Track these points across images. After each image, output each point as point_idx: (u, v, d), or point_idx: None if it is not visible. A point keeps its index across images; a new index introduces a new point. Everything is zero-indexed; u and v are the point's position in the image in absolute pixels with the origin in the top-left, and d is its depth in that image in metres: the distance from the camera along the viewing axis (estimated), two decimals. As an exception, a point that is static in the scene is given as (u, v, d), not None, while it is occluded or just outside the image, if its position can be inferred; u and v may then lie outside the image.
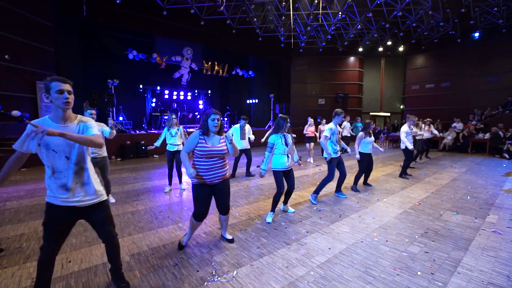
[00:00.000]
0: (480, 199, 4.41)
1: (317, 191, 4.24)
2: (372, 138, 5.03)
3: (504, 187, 5.19)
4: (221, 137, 2.57)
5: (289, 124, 3.46)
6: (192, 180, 2.53)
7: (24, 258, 2.49)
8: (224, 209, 2.64)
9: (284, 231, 3.10)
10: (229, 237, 2.86)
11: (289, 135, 3.54)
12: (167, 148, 4.81)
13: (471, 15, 11.39)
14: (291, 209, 3.81)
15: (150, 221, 3.41)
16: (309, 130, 8.40)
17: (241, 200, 4.34)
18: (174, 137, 4.77)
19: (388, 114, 17.73)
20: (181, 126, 4.92)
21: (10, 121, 7.71)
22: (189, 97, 15.43)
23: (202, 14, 11.11)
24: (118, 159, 8.93)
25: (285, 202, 3.79)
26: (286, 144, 3.44)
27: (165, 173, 5.81)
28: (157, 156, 9.53)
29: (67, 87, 1.74)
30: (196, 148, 2.48)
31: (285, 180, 3.53)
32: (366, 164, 4.93)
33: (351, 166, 7.25)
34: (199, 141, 2.46)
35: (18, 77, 7.89)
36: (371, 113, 17.57)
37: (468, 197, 4.52)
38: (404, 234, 3.00)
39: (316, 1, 9.76)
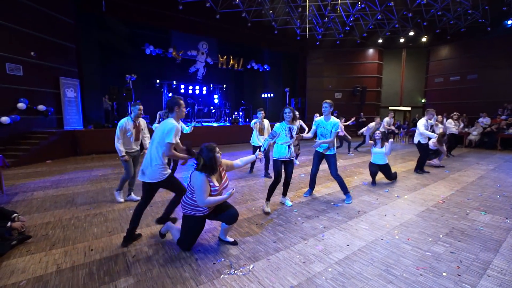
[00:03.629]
0: (511, 198, 4.14)
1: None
2: (382, 149, 4.79)
3: (537, 186, 4.84)
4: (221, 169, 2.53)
5: (292, 114, 3.44)
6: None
7: (50, 245, 2.61)
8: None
9: (300, 226, 3.05)
10: (231, 239, 2.66)
11: (295, 127, 3.50)
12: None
13: (504, 0, 10.57)
14: (288, 202, 3.76)
15: (167, 213, 3.47)
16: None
17: (257, 194, 4.32)
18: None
19: (409, 108, 17.02)
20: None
21: (36, 115, 8.09)
22: (204, 92, 15.53)
23: (217, 7, 11.04)
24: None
25: (284, 194, 3.82)
26: (291, 136, 3.43)
27: (180, 165, 5.89)
28: (174, 150, 9.67)
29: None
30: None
31: (284, 171, 3.59)
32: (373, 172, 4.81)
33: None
34: (210, 184, 2.32)
35: (42, 73, 8.23)
36: (390, 107, 16.94)
37: (498, 196, 4.25)
38: (427, 233, 2.86)
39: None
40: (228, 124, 12.79)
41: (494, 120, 11.14)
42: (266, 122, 5.52)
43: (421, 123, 5.67)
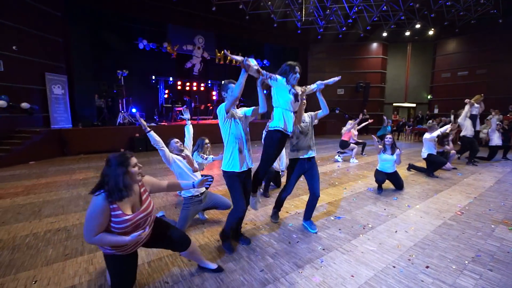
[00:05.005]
0: (538, 207, 3.61)
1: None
2: (392, 156, 4.26)
3: None
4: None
5: (297, 75, 2.31)
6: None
7: (-13, 274, 2.13)
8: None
9: (295, 247, 2.56)
10: (213, 266, 2.16)
11: (300, 90, 2.45)
12: None
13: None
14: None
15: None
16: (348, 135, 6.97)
17: (247, 202, 3.83)
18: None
19: (413, 105, 16.40)
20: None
21: (20, 114, 7.63)
22: (202, 88, 15.02)
23: (213, -1, 10.48)
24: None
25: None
26: (295, 98, 2.32)
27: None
28: (167, 149, 9.20)
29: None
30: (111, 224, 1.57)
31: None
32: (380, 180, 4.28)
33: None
34: (111, 214, 1.54)
35: (26, 69, 7.75)
36: (394, 104, 16.34)
37: (523, 205, 3.73)
38: (449, 258, 2.35)
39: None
40: (225, 122, 12.27)
41: (505, 117, 10.55)
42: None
43: (428, 135, 5.27)
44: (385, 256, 2.38)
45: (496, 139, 6.77)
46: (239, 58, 2.02)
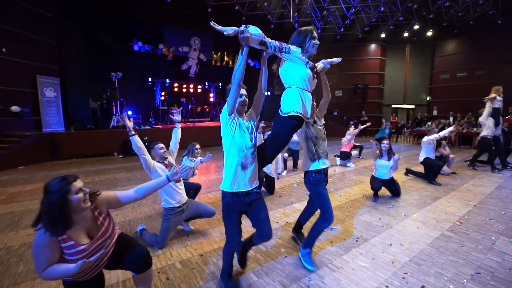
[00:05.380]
0: (541, 216, 3.45)
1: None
2: (389, 162, 4.09)
3: None
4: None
5: (316, 41, 1.92)
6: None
7: None
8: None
9: (282, 263, 2.39)
10: None
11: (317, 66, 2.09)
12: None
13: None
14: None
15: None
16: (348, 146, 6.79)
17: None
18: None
19: (412, 106, 16.27)
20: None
21: (9, 117, 7.48)
22: (199, 90, 14.88)
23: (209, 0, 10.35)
24: (120, 156, 8.56)
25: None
26: (314, 74, 1.87)
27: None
28: (161, 153, 9.05)
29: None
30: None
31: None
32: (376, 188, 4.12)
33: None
34: (61, 246, 1.37)
35: (17, 71, 7.60)
36: (393, 106, 16.20)
37: (524, 213, 3.57)
38: (446, 276, 2.19)
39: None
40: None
41: (505, 119, 10.40)
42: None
43: (426, 138, 5.21)
44: (377, 274, 2.22)
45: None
46: (230, 30, 1.55)
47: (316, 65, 2.09)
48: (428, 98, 15.45)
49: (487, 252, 2.57)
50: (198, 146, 3.99)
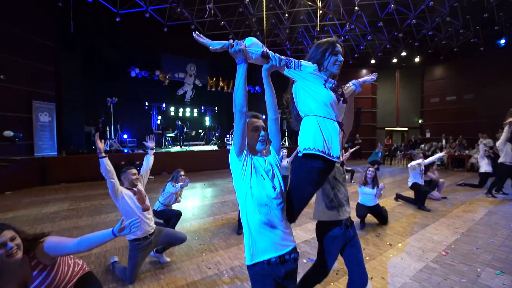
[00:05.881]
0: (529, 245, 3.37)
1: None
2: (373, 190, 4.05)
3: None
4: None
5: (340, 58, 1.46)
6: None
7: None
8: None
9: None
10: None
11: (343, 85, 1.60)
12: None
13: (495, 20, 10.34)
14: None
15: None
16: None
17: (223, 240, 3.56)
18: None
19: (406, 128, 16.48)
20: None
21: (4, 142, 7.50)
22: (195, 114, 15.12)
23: (204, 29, 10.86)
24: (111, 181, 8.46)
25: None
26: (339, 97, 1.41)
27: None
28: (153, 177, 8.99)
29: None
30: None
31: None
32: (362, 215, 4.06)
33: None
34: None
35: (12, 97, 7.74)
36: (386, 128, 16.41)
37: (512, 242, 3.48)
38: (426, 313, 2.09)
39: (320, 12, 9.20)
40: (215, 148, 12.17)
41: (495, 142, 10.51)
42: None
43: (409, 164, 5.26)
44: (354, 312, 2.11)
45: (485, 166, 6.63)
46: (218, 45, 1.26)
47: (345, 86, 1.61)
48: (420, 121, 15.70)
49: (473, 285, 2.48)
50: (182, 172, 3.99)
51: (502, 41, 11.62)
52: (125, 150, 10.41)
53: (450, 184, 7.44)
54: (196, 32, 1.30)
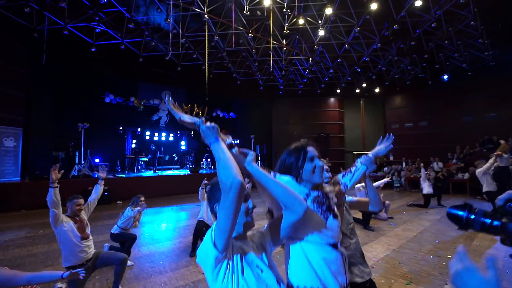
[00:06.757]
0: (444, 258, 3.90)
1: None
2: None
3: (475, 239, 4.71)
4: None
5: (317, 163, 1.28)
6: None
7: None
8: None
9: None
10: None
11: (331, 192, 1.34)
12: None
13: (436, 59, 11.93)
14: None
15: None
16: None
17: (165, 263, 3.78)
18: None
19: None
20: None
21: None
22: (171, 138, 15.34)
23: (179, 60, 11.50)
24: (76, 207, 8.32)
25: None
26: (333, 215, 1.21)
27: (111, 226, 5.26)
28: (120, 203, 8.95)
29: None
30: None
31: None
32: None
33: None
34: None
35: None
36: (354, 152, 17.45)
37: (431, 256, 4.01)
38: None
39: (284, 48, 10.23)
40: (188, 172, 12.34)
41: (447, 165, 11.63)
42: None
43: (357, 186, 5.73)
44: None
45: (426, 188, 7.38)
46: (188, 118, 1.12)
47: (335, 188, 1.38)
48: (384, 145, 16.91)
49: (381, 294, 2.90)
50: (142, 198, 4.26)
51: (445, 77, 13.30)
52: (96, 175, 10.33)
53: (402, 205, 8.13)
54: (170, 98, 1.23)
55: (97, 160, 12.49)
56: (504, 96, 11.81)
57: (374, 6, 7.74)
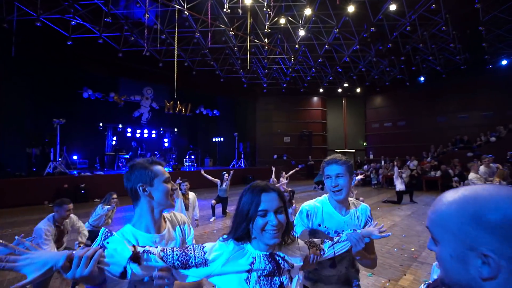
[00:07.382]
0: (407, 251, 4.14)
1: None
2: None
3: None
4: None
5: (273, 220, 0.88)
6: None
7: None
8: None
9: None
10: None
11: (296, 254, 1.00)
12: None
13: (412, 61, 12.42)
14: None
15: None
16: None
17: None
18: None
19: (353, 150, 18.12)
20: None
21: None
22: (153, 135, 15.08)
23: (160, 56, 11.31)
24: (50, 205, 8.06)
25: None
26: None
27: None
28: (98, 201, 8.72)
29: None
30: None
31: None
32: None
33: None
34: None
35: None
36: (336, 150, 17.87)
37: (395, 249, 4.24)
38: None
39: (266, 47, 10.31)
40: (170, 170, 12.21)
41: (422, 163, 12.17)
42: (192, 196, 4.29)
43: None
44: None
45: (399, 185, 7.72)
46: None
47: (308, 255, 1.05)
48: (364, 144, 17.46)
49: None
50: (115, 195, 4.21)
51: (422, 78, 13.86)
52: (74, 172, 10.03)
53: (378, 201, 8.45)
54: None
55: (75, 157, 12.13)
56: (475, 98, 12.50)
57: (351, 9, 7.96)
